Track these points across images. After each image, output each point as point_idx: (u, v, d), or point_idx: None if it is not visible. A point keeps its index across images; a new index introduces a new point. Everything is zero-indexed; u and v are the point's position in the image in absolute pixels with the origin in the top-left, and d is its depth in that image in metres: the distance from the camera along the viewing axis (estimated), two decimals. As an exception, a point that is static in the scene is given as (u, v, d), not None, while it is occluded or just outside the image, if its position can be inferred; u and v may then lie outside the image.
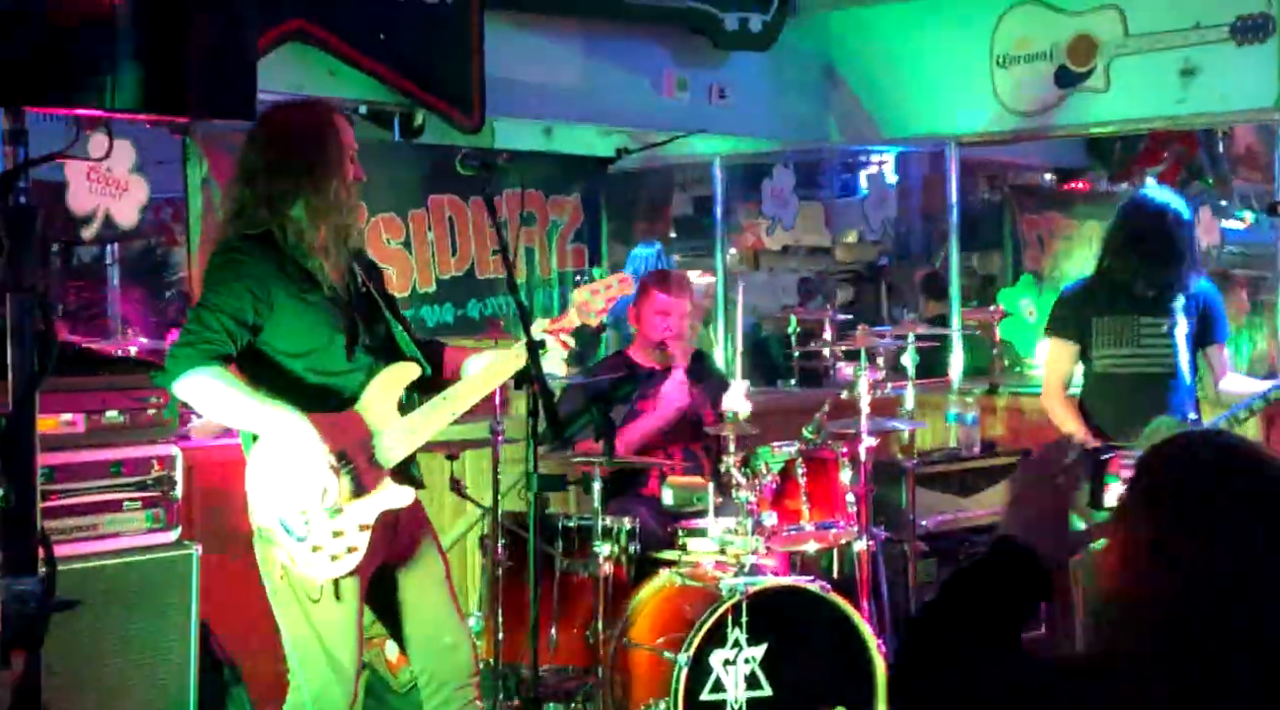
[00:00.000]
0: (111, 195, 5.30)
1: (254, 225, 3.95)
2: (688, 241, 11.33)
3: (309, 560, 3.91)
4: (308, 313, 3.96)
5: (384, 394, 4.04)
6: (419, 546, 4.20)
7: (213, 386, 3.83)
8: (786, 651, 5.03)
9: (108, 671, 4.42)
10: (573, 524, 5.35)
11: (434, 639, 4.22)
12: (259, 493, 3.96)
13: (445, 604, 4.23)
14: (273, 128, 4.00)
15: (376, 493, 3.98)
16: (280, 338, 3.96)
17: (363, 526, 3.95)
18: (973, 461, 7.14)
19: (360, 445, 3.97)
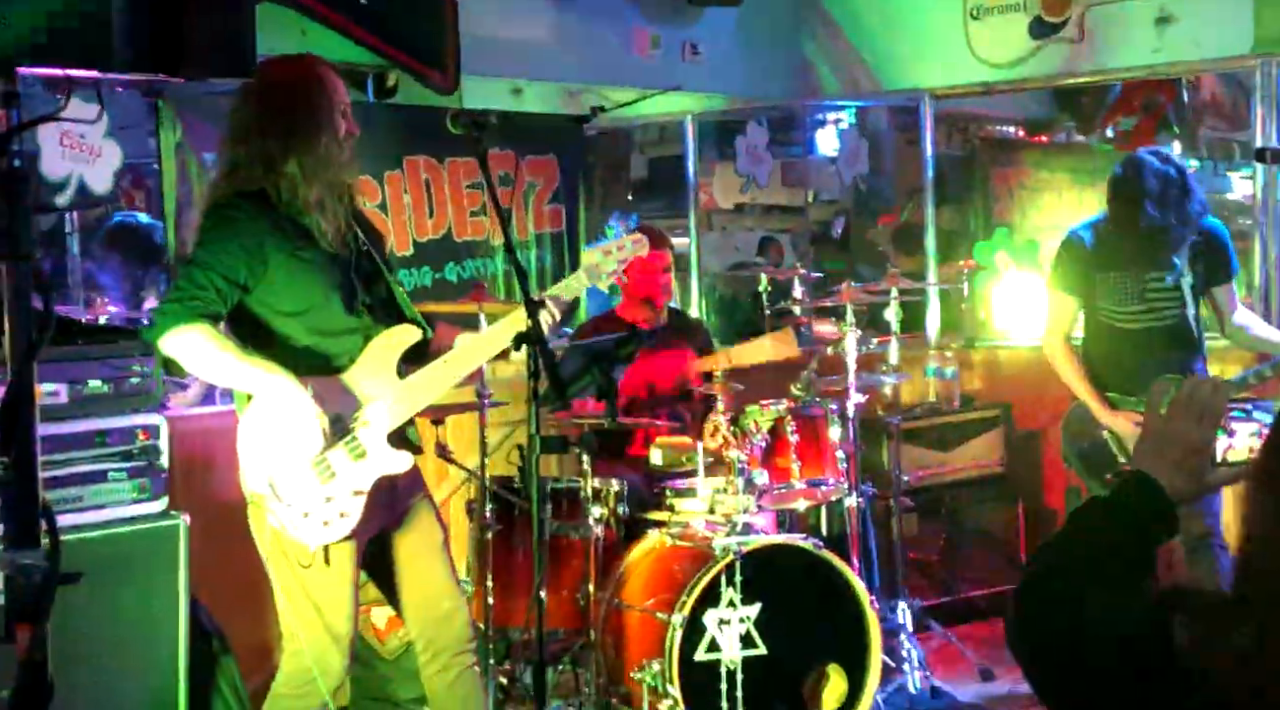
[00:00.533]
0: (85, 161, 5.19)
1: (248, 182, 3.88)
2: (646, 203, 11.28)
3: (300, 526, 3.87)
4: (303, 271, 3.90)
5: (381, 357, 3.98)
6: (416, 512, 4.16)
7: (203, 344, 3.76)
8: (780, 610, 5.02)
9: (97, 644, 4.36)
10: (561, 486, 5.32)
11: (431, 606, 4.18)
12: (250, 457, 3.91)
13: (443, 570, 4.19)
14: (261, 84, 3.93)
15: (371, 458, 3.93)
16: (275, 297, 3.90)
17: (356, 492, 3.90)
18: (952, 415, 7.15)
19: (356, 409, 3.93)
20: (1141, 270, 5.44)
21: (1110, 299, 5.50)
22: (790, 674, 5.04)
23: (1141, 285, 5.44)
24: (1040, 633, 1.88)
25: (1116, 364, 5.51)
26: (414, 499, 4.16)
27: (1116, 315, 5.50)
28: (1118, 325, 5.51)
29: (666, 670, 4.80)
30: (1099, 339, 5.59)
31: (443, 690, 4.22)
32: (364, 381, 3.96)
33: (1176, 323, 5.46)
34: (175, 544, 4.55)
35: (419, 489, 4.20)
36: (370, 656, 5.45)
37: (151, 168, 6.88)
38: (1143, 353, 5.46)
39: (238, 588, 5.43)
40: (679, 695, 4.77)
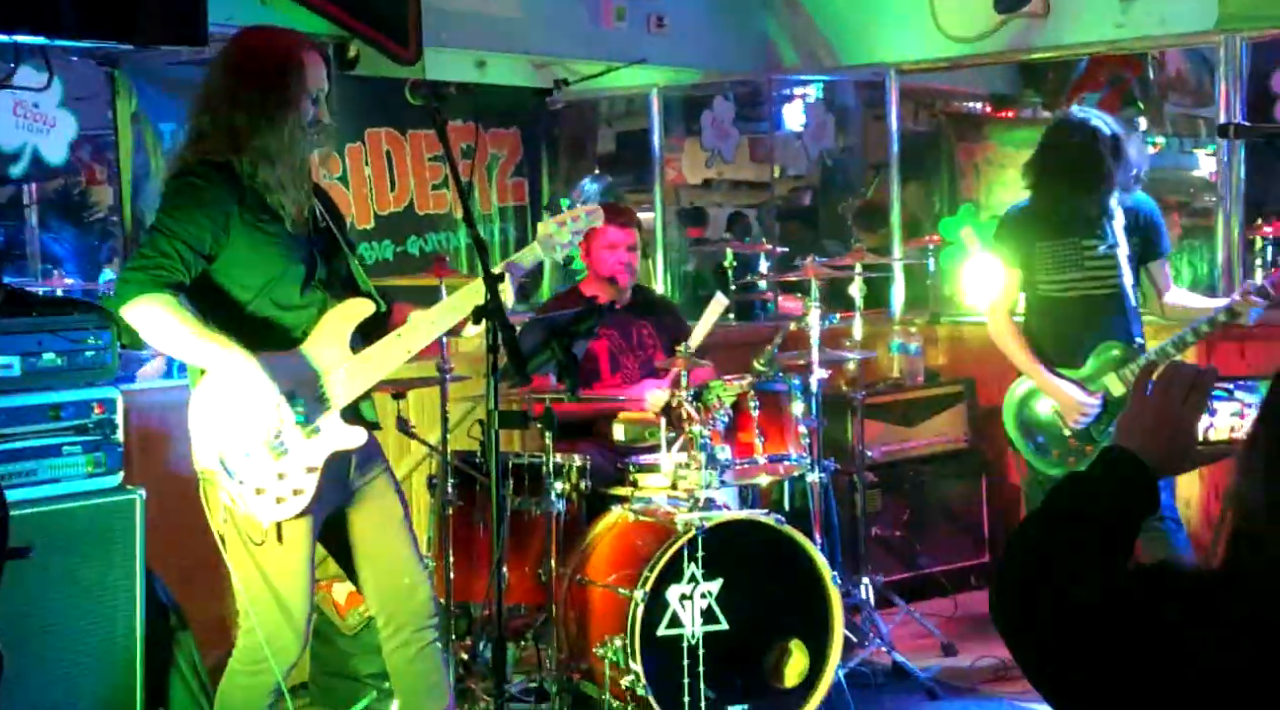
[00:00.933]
0: (39, 131, 5.12)
1: (214, 153, 3.83)
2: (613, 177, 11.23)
3: (252, 502, 3.83)
4: (265, 244, 3.86)
5: (335, 330, 3.94)
6: (375, 487, 4.12)
7: (162, 314, 3.70)
8: (742, 585, 5.00)
9: (52, 619, 4.33)
10: (523, 462, 5.29)
11: (391, 580, 4.14)
12: (201, 432, 3.86)
13: (404, 545, 4.15)
14: (239, 54, 3.88)
15: (325, 434, 3.89)
16: (236, 268, 3.85)
17: (309, 468, 3.86)
18: (916, 391, 7.15)
19: (309, 384, 3.89)
20: (1078, 236, 5.45)
21: (1049, 269, 5.50)
22: (752, 649, 5.02)
23: (1079, 253, 5.45)
24: (1025, 607, 1.87)
25: (1057, 335, 5.53)
26: (372, 473, 4.11)
27: (1056, 285, 5.51)
28: (1056, 296, 5.52)
29: (628, 646, 4.78)
30: (1039, 312, 5.61)
31: (403, 665, 4.18)
32: (317, 355, 3.92)
33: (1115, 291, 5.47)
34: (131, 519, 4.51)
35: (378, 463, 4.15)
36: (330, 632, 5.42)
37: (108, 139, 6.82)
38: (1083, 322, 5.48)
39: (195, 563, 5.38)
40: (641, 671, 4.75)
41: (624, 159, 11.62)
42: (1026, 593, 1.88)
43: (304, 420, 3.83)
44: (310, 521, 3.93)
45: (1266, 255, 8.55)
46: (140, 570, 4.51)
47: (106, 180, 8.26)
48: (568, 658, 5.14)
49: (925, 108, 10.26)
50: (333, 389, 3.91)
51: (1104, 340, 5.45)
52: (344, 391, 3.92)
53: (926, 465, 7.04)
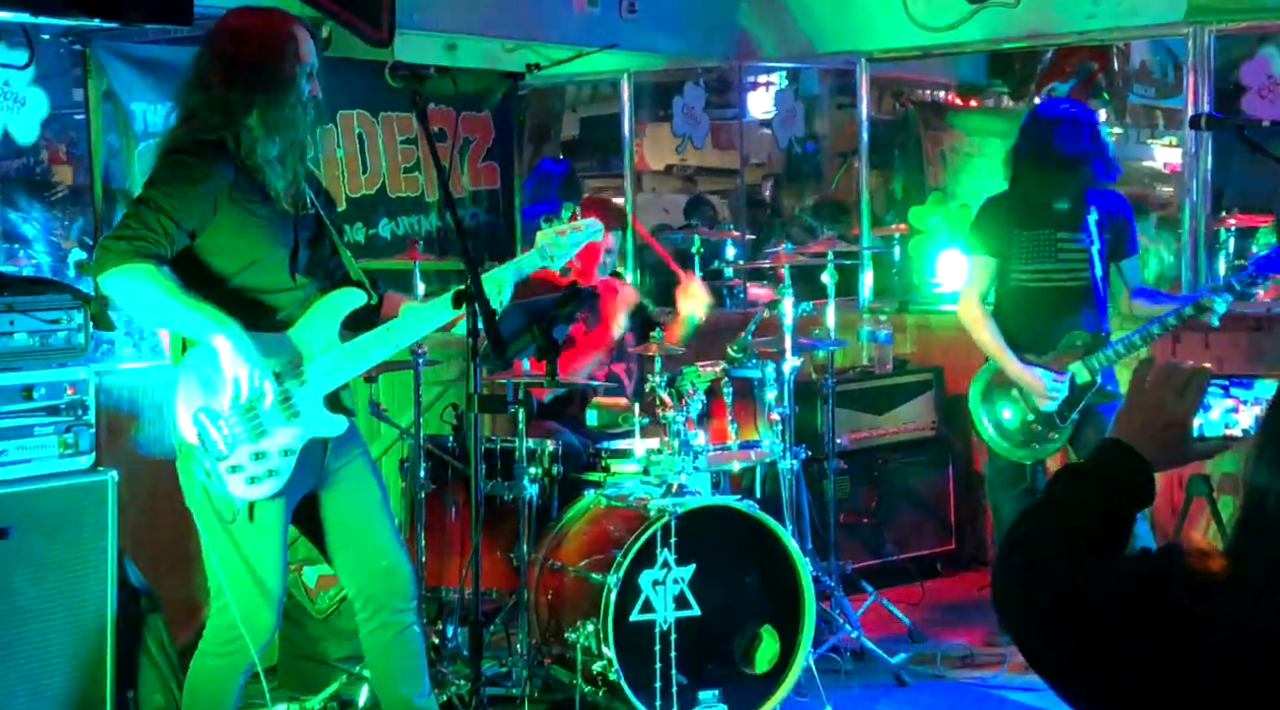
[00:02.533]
0: (10, 109, 5.07)
1: (206, 130, 3.81)
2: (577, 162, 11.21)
3: (226, 479, 3.81)
4: (252, 225, 3.84)
5: (325, 318, 3.94)
6: (351, 469, 4.10)
7: (147, 284, 3.67)
8: (714, 571, 5.01)
9: (23, 600, 4.29)
10: (496, 446, 5.28)
11: (368, 562, 4.13)
12: (182, 405, 3.82)
13: (382, 527, 4.14)
14: (231, 32, 3.86)
15: (304, 418, 3.89)
16: (220, 248, 3.84)
17: (286, 451, 3.86)
18: (885, 379, 7.17)
19: (294, 368, 3.88)
20: (1054, 228, 5.54)
21: (1025, 258, 5.58)
22: (724, 635, 5.04)
23: (1054, 245, 5.54)
24: (1026, 599, 1.89)
25: (1027, 323, 5.61)
26: (348, 457, 4.09)
27: (1029, 275, 5.60)
28: (1030, 285, 5.61)
29: (601, 631, 4.78)
30: (1011, 300, 5.68)
31: (380, 647, 4.17)
32: (304, 342, 3.91)
33: (1086, 284, 5.57)
34: (104, 500, 4.48)
35: (355, 446, 4.14)
36: (300, 615, 5.40)
37: (74, 118, 6.75)
38: (1053, 312, 5.57)
39: (165, 544, 5.38)
40: (613, 656, 4.76)
41: (588, 144, 11.61)
42: (1027, 584, 1.90)
43: (285, 403, 3.82)
44: (283, 503, 3.92)
45: (1229, 246, 8.61)
46: (112, 552, 4.48)
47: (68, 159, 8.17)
48: (539, 642, 5.14)
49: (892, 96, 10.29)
50: (316, 375, 3.90)
51: (1072, 330, 5.52)
52: (327, 379, 3.92)
53: (895, 453, 7.07)
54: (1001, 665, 5.64)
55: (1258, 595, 1.70)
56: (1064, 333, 5.55)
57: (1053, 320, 5.57)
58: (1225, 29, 6.83)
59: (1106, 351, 5.48)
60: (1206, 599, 1.73)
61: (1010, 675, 5.57)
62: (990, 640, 5.93)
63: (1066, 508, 1.97)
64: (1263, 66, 6.74)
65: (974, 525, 7.27)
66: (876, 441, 7.01)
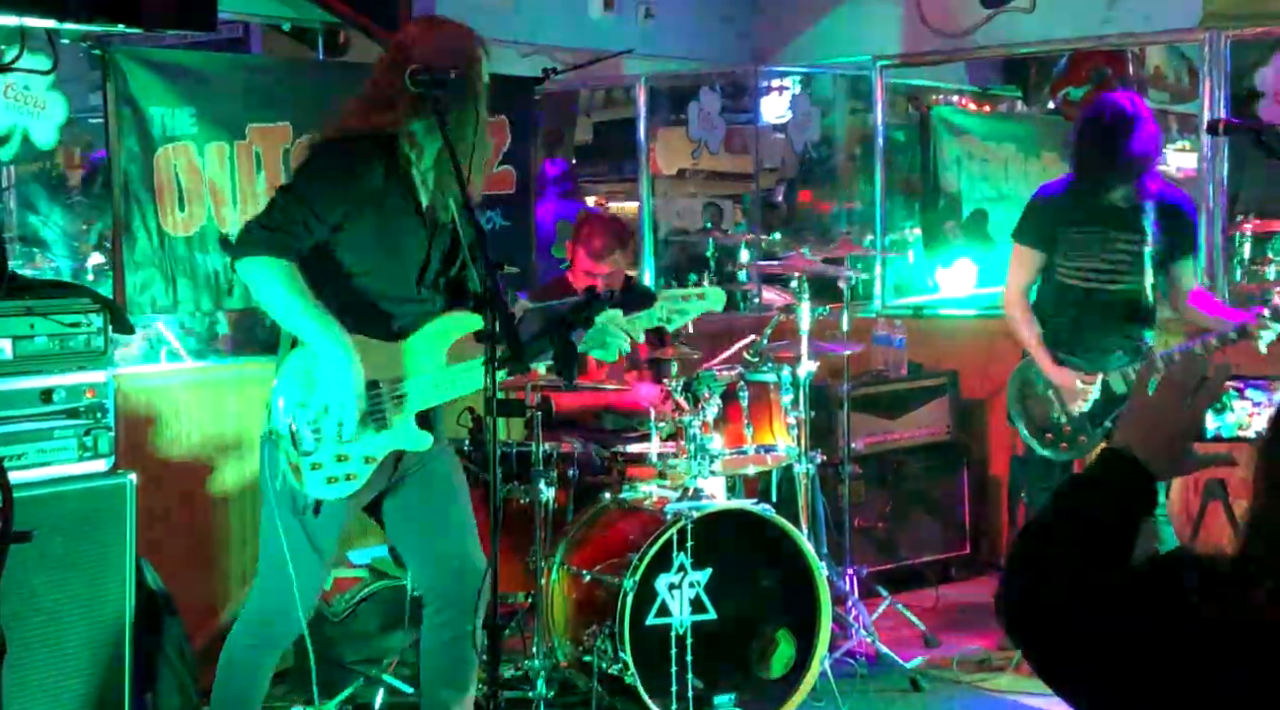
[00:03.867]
0: (29, 114, 5.09)
1: (371, 127, 3.86)
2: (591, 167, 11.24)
3: (306, 475, 3.89)
4: (391, 231, 3.90)
5: (436, 338, 3.99)
6: (433, 470, 4.15)
7: (277, 279, 3.76)
8: (730, 575, 5.03)
9: (42, 604, 4.30)
10: (512, 450, 5.30)
11: (440, 561, 4.17)
12: (283, 395, 3.90)
13: (458, 529, 4.19)
14: (421, 39, 3.93)
15: (393, 431, 3.95)
16: (355, 245, 3.89)
17: (368, 459, 3.93)
18: (900, 383, 7.17)
19: (393, 380, 3.94)
20: (1106, 227, 5.45)
21: (1071, 255, 5.50)
22: (740, 639, 5.05)
23: (1102, 245, 5.45)
24: (1038, 609, 1.87)
25: (1067, 323, 5.55)
26: (431, 457, 4.11)
27: (1073, 272, 5.51)
28: (1073, 284, 5.52)
29: (617, 635, 4.79)
30: (1053, 297, 5.61)
31: (436, 646, 4.20)
32: (412, 356, 3.96)
33: (1131, 289, 5.48)
34: (123, 503, 4.49)
35: (439, 449, 4.17)
36: (316, 618, 5.39)
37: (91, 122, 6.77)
38: (1093, 314, 5.50)
39: (183, 547, 5.40)
40: (629, 659, 4.77)
41: (601, 149, 11.63)
42: (1039, 594, 1.88)
43: (378, 414, 3.89)
44: (350, 506, 4.01)
45: (1244, 252, 8.60)
46: (130, 555, 4.50)
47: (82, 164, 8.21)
48: (555, 646, 5.15)
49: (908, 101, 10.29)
50: (414, 392, 3.95)
51: (1111, 336, 5.48)
52: (424, 397, 3.97)
53: (909, 457, 7.07)
54: (1015, 670, 5.63)
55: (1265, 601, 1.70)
56: (1103, 336, 5.48)
57: (1093, 322, 5.49)
58: (1240, 34, 6.84)
59: (1145, 365, 5.32)
60: (1218, 601, 1.72)
61: (1021, 678, 5.58)
62: (1005, 645, 5.93)
63: (1069, 521, 1.93)
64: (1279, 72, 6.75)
65: (989, 529, 7.27)
66: (891, 446, 7.01)
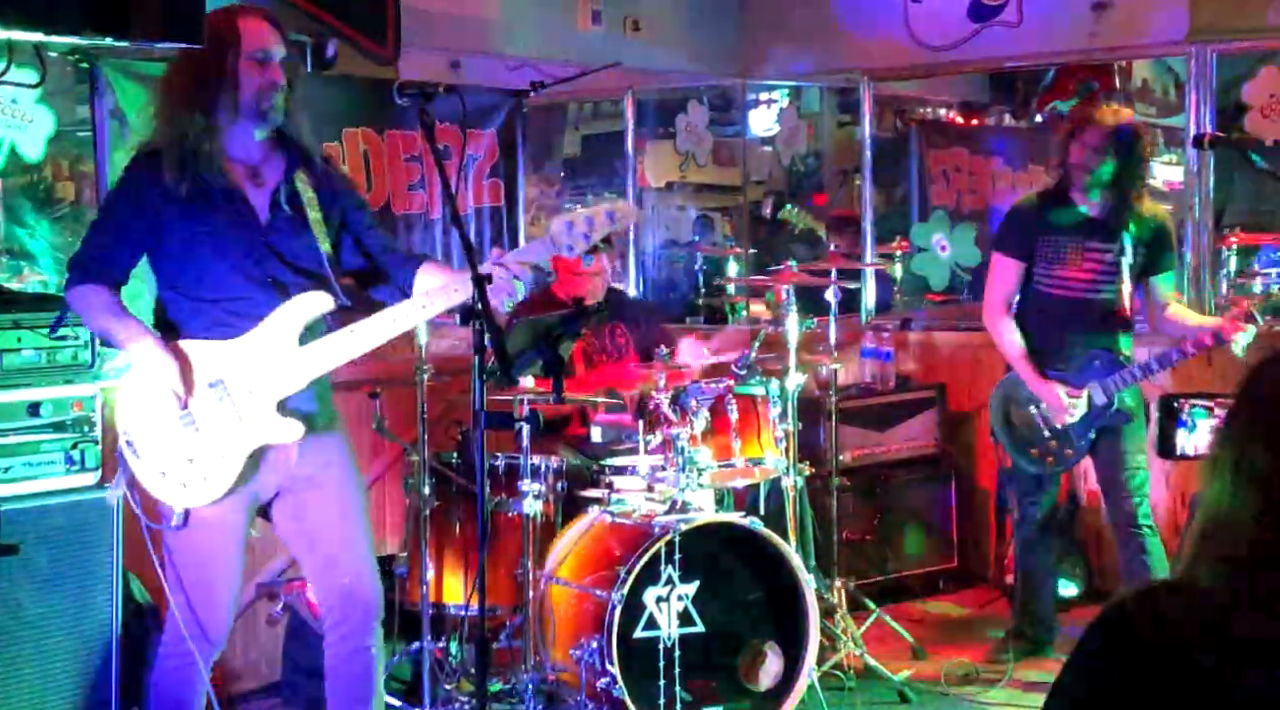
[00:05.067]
0: (17, 127, 5.09)
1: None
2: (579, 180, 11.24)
3: (156, 484, 3.87)
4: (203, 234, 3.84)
5: (285, 322, 3.86)
6: (323, 480, 4.00)
7: (87, 299, 3.88)
8: (718, 588, 5.03)
9: (29, 617, 4.30)
10: (499, 463, 5.29)
11: (329, 576, 4.06)
12: (118, 410, 3.93)
13: (347, 543, 4.03)
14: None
15: (248, 424, 3.84)
16: (174, 256, 3.88)
17: (223, 456, 3.83)
18: (887, 396, 7.18)
19: (242, 373, 3.85)
20: (1083, 236, 5.45)
21: (1048, 261, 5.51)
22: (728, 652, 5.05)
23: (1079, 253, 5.46)
24: None
25: (1046, 333, 5.55)
26: (322, 465, 3.99)
27: (1052, 281, 5.52)
28: (1053, 293, 5.52)
29: (605, 648, 4.79)
30: (1034, 306, 5.61)
31: (334, 664, 4.09)
32: (258, 346, 3.85)
33: (1109, 298, 5.48)
34: (109, 516, 4.48)
35: (331, 455, 4.03)
36: (303, 631, 5.40)
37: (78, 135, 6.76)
38: (1072, 324, 5.50)
39: (170, 561, 5.37)
40: (617, 673, 4.76)
41: (590, 161, 11.63)
42: None
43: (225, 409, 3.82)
44: (226, 509, 3.88)
45: (1230, 265, 8.62)
46: (118, 568, 4.49)
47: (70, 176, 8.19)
48: (543, 659, 5.14)
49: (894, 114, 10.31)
50: (266, 381, 3.84)
51: (1090, 345, 5.47)
52: (281, 384, 3.85)
53: (897, 470, 7.08)
54: (1007, 684, 5.64)
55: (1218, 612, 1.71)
56: (1083, 346, 5.47)
57: (1073, 331, 5.49)
58: (1227, 48, 6.86)
59: (1123, 375, 5.40)
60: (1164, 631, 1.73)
61: (1013, 692, 5.58)
62: (992, 657, 5.93)
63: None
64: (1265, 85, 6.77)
65: (976, 542, 7.27)
66: (879, 459, 7.02)
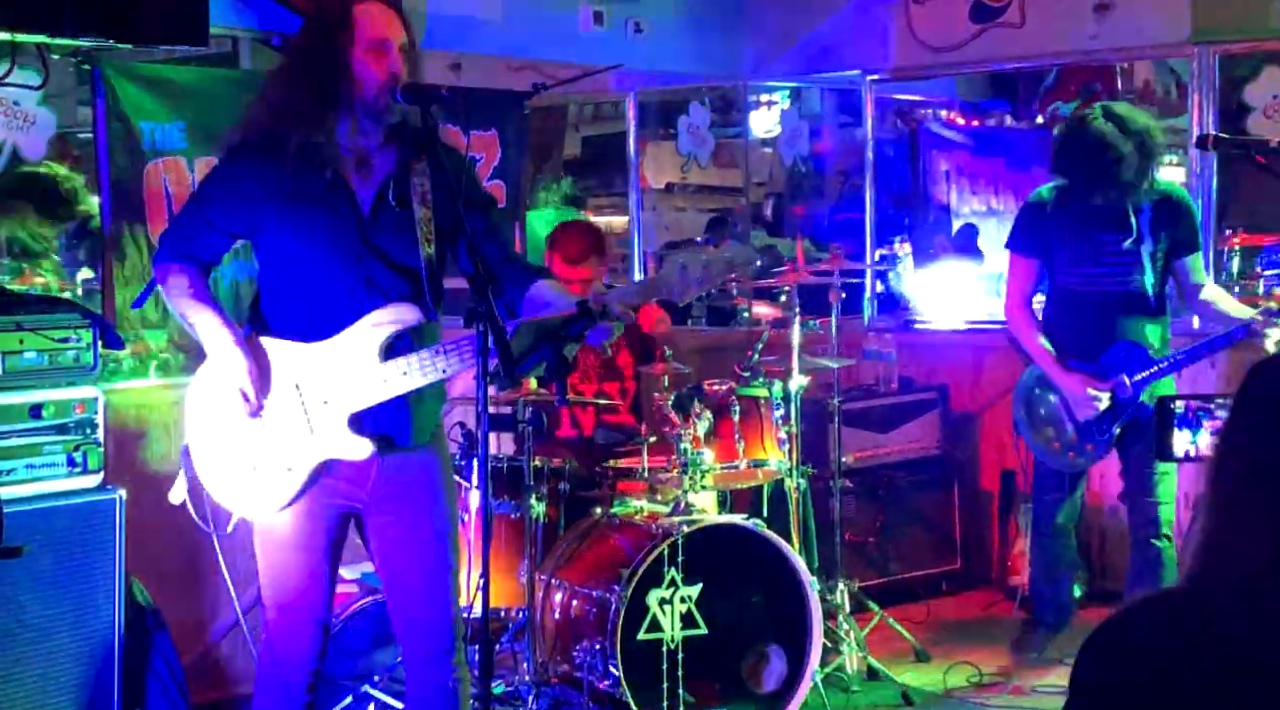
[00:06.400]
0: (19, 128, 5.08)
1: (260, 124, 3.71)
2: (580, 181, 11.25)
3: (217, 489, 3.79)
4: (300, 226, 3.67)
5: (369, 333, 3.65)
6: (404, 506, 3.80)
7: (173, 284, 3.77)
8: (721, 590, 5.03)
9: (31, 619, 4.29)
10: (503, 465, 5.29)
11: (400, 607, 3.88)
12: (186, 407, 3.85)
13: (422, 574, 3.83)
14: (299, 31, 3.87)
15: (319, 438, 3.68)
16: (269, 246, 3.74)
17: (289, 468, 3.69)
18: (890, 398, 7.17)
19: (319, 381, 3.67)
20: (1099, 230, 5.40)
21: (1066, 259, 5.46)
22: (731, 654, 5.05)
23: (1098, 247, 5.40)
24: None
25: (1074, 329, 5.50)
26: (402, 484, 3.79)
27: (1074, 277, 5.47)
28: (1074, 288, 5.49)
29: (608, 649, 4.79)
30: (1057, 303, 5.59)
31: (411, 692, 3.96)
32: (341, 354, 3.67)
33: (1134, 289, 5.41)
34: (111, 519, 4.48)
35: (415, 473, 3.82)
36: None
37: (79, 136, 6.76)
38: (1098, 317, 5.43)
39: (172, 563, 5.37)
40: (620, 675, 4.76)
41: (591, 162, 11.65)
42: None
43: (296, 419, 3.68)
44: (296, 519, 3.75)
45: (1233, 267, 8.61)
46: (120, 571, 4.48)
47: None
48: (546, 661, 5.14)
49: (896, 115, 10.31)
50: (342, 393, 3.66)
51: (1118, 339, 5.41)
52: (355, 398, 3.66)
53: (900, 471, 7.07)
54: (1011, 691, 5.64)
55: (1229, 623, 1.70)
56: (1111, 340, 5.41)
57: (1099, 326, 5.43)
58: (1230, 49, 6.86)
59: (1150, 369, 5.34)
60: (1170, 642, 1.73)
61: (1014, 697, 5.58)
62: (996, 660, 5.93)
63: None
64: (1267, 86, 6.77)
65: (979, 544, 7.27)
66: (882, 460, 7.01)
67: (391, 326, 3.67)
